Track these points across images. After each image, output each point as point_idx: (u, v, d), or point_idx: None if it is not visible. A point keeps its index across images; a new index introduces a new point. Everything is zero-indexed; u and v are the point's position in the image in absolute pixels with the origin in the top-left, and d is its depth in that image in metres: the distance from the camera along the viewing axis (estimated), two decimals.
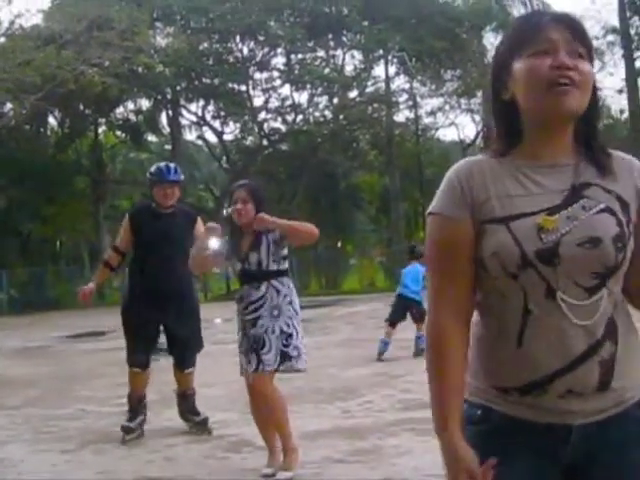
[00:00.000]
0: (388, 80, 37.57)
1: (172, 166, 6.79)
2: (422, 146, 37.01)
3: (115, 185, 40.20)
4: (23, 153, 33.42)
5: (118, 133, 40.36)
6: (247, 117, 38.03)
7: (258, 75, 37.52)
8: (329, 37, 36.94)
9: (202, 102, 37.56)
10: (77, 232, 37.39)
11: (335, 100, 37.50)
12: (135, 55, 28.39)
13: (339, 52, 38.24)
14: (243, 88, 37.26)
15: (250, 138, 39.57)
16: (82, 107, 35.60)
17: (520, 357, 1.78)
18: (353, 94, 37.88)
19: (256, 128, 38.29)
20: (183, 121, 39.51)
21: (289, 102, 37.68)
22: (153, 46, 32.37)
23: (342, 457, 5.56)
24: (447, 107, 39.60)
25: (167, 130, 40.29)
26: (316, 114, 37.78)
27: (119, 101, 35.59)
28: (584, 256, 1.73)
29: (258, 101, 37.80)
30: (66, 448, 6.38)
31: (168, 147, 41.01)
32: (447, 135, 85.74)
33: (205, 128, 39.40)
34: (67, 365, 12.38)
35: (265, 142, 38.61)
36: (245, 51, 36.72)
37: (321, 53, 37.67)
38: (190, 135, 41.39)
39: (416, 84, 37.23)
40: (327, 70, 37.27)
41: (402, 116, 38.74)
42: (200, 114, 38.27)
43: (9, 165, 31.41)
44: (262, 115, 37.97)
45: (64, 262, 38.73)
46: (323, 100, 37.91)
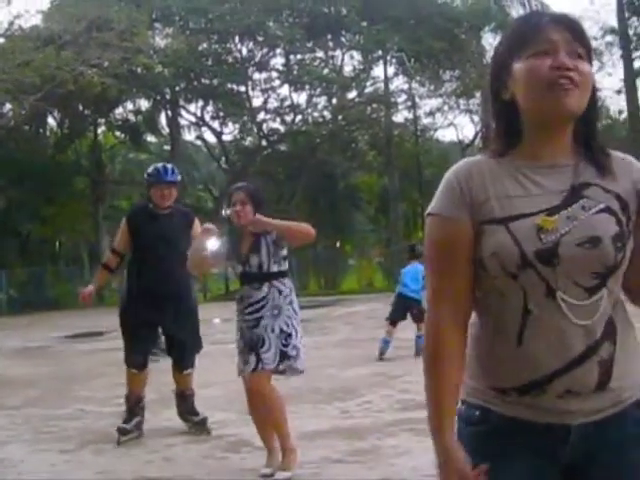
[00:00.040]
0: (387, 80, 37.58)
1: (169, 167, 6.78)
2: (421, 146, 36.98)
3: (114, 185, 40.21)
4: (22, 154, 33.38)
5: (117, 133, 40.36)
6: (246, 117, 38.02)
7: (257, 75, 37.59)
8: (328, 38, 36.93)
9: (201, 102, 37.55)
10: (76, 232, 37.36)
11: (334, 100, 37.50)
12: (134, 56, 28.36)
13: (338, 53, 38.29)
14: (242, 88, 37.25)
15: (249, 138, 39.60)
16: (81, 107, 35.58)
17: (519, 357, 1.78)
18: (352, 94, 37.91)
19: (255, 128, 38.30)
20: (182, 121, 39.59)
21: (288, 102, 37.72)
22: (152, 47, 32.34)
23: (341, 457, 5.56)
24: (446, 107, 39.73)
25: (166, 130, 40.31)
26: (315, 114, 37.81)
27: (118, 101, 35.57)
28: (584, 256, 1.74)
29: (257, 101, 37.92)
30: (65, 448, 6.38)
31: (167, 147, 41.02)
32: (446, 135, 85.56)
33: (204, 128, 39.45)
34: (66, 365, 12.37)
35: (264, 142, 38.61)
36: (244, 52, 36.75)
37: (320, 54, 37.68)
38: (189, 135, 41.52)
39: (415, 85, 37.27)
40: (326, 70, 37.29)
41: (401, 116, 38.80)
42: (199, 114, 38.28)
43: (8, 165, 31.37)
44: (261, 115, 38.04)
45: (63, 262, 38.72)
46: (322, 100, 37.95)
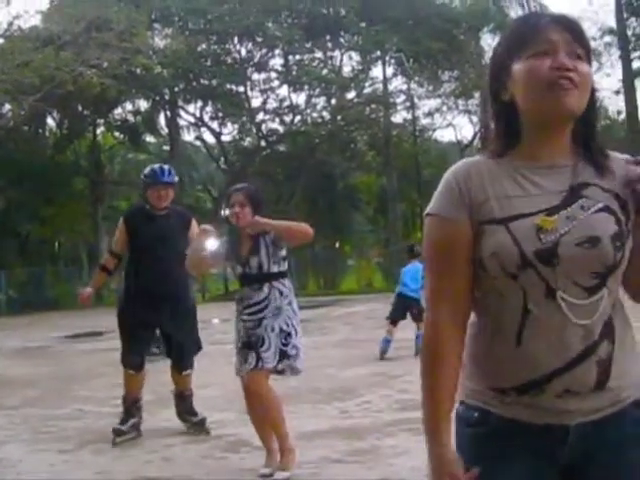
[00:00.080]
0: (386, 81, 37.58)
1: (166, 168, 6.77)
2: (419, 147, 37.00)
3: (113, 186, 40.20)
4: (22, 154, 33.34)
5: (116, 134, 40.35)
6: (245, 118, 38.02)
7: (256, 76, 37.58)
8: (327, 38, 36.94)
9: (200, 103, 37.55)
10: (75, 233, 37.35)
11: (333, 101, 37.51)
12: (133, 56, 28.34)
13: (337, 53, 38.32)
14: (241, 89, 37.26)
15: (248, 139, 39.60)
16: (80, 108, 35.56)
17: (518, 356, 1.78)
18: (351, 95, 37.89)
19: (254, 129, 38.30)
20: (181, 122, 39.60)
21: (287, 103, 37.72)
22: (151, 47, 32.33)
23: (340, 457, 5.56)
24: (444, 108, 39.77)
25: (165, 131, 40.31)
26: (314, 115, 37.82)
27: (117, 102, 35.57)
28: (583, 256, 1.74)
29: (256, 102, 37.93)
30: (64, 448, 6.39)
31: (166, 148, 41.02)
32: (444, 136, 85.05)
33: (203, 129, 39.47)
34: (66, 365, 12.37)
35: (263, 143, 38.61)
36: (243, 52, 36.75)
37: (319, 54, 37.69)
38: (188, 136, 41.54)
39: (413, 85, 37.27)
40: (325, 71, 37.31)
41: (400, 117, 38.83)
42: (198, 115, 38.28)
43: (8, 166, 31.34)
44: (260, 116, 38.03)
45: (63, 263, 38.70)
46: (321, 101, 37.96)
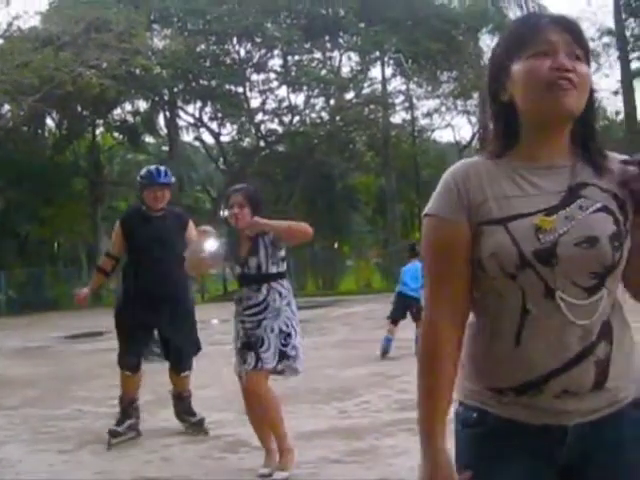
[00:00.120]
0: (384, 82, 37.57)
1: (162, 169, 6.75)
2: (418, 147, 37.02)
3: (113, 186, 40.17)
4: (21, 155, 33.31)
5: (116, 134, 40.29)
6: (244, 118, 37.99)
7: (255, 77, 37.56)
8: (326, 39, 36.94)
9: (199, 104, 37.55)
10: (75, 233, 37.32)
11: (332, 101, 37.49)
12: (132, 57, 28.33)
13: (336, 54, 38.29)
14: (240, 90, 37.23)
15: (247, 139, 39.60)
16: (80, 109, 35.52)
17: (517, 357, 1.78)
18: (349, 96, 37.85)
19: (253, 129, 38.29)
20: (180, 122, 39.57)
21: (286, 103, 37.68)
22: (150, 48, 32.30)
23: (339, 457, 5.57)
24: (443, 109, 39.76)
25: (164, 131, 40.29)
26: (313, 115, 37.79)
27: (116, 103, 35.53)
28: (582, 256, 1.74)
29: (255, 103, 37.90)
30: (64, 448, 6.40)
31: (165, 148, 41.04)
32: (443, 136, 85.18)
33: (202, 129, 39.43)
34: (65, 365, 12.37)
35: (262, 143, 38.58)
36: (242, 53, 36.70)
37: (318, 55, 37.67)
38: (187, 136, 41.50)
39: (412, 86, 37.29)
40: (324, 72, 37.27)
41: (398, 117, 38.81)
42: (197, 115, 38.27)
43: (7, 167, 31.31)
44: (259, 116, 37.99)
45: (62, 263, 38.65)
46: (320, 101, 37.92)
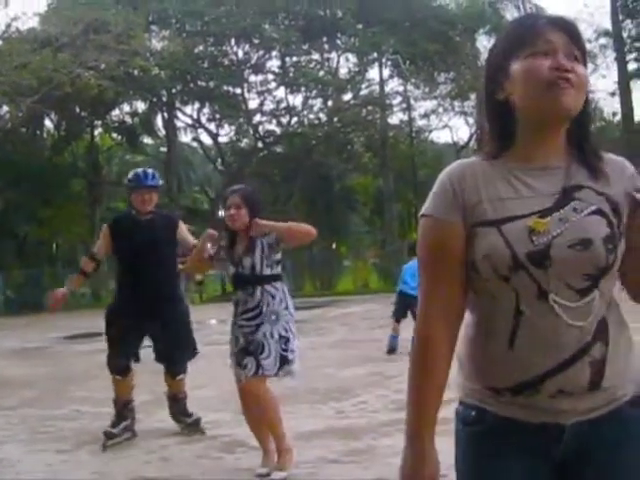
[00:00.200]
0: (382, 83, 37.62)
1: (150, 171, 6.76)
2: (416, 148, 37.06)
3: (111, 187, 40.07)
4: (19, 155, 33.34)
5: (114, 135, 40.31)
6: (242, 119, 38.01)
7: (253, 78, 37.67)
8: (323, 40, 37.01)
9: (197, 105, 37.61)
10: (73, 234, 37.32)
11: (329, 103, 37.56)
12: (131, 58, 28.39)
13: (333, 55, 38.41)
14: (238, 91, 37.29)
15: (245, 140, 39.61)
16: (78, 110, 35.53)
17: (512, 357, 1.78)
18: (347, 97, 37.94)
19: (251, 130, 38.32)
20: (178, 123, 39.62)
21: (284, 105, 37.74)
22: (149, 49, 32.37)
23: (336, 457, 5.59)
24: (441, 109, 39.80)
25: (162, 132, 40.31)
26: (311, 116, 37.85)
27: (115, 104, 35.55)
28: (575, 258, 1.74)
29: (253, 104, 37.94)
30: (62, 448, 6.41)
31: (164, 149, 41.05)
32: (441, 137, 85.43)
33: (200, 130, 39.53)
34: (63, 366, 12.38)
35: (260, 144, 38.61)
36: (240, 54, 36.76)
37: (315, 56, 37.74)
38: (185, 137, 41.61)
39: (410, 87, 37.38)
40: (321, 73, 37.33)
41: (396, 118, 38.96)
42: (195, 116, 38.35)
43: (5, 168, 31.32)
44: (257, 117, 38.05)
45: (60, 264, 38.56)
46: (317, 103, 38.03)
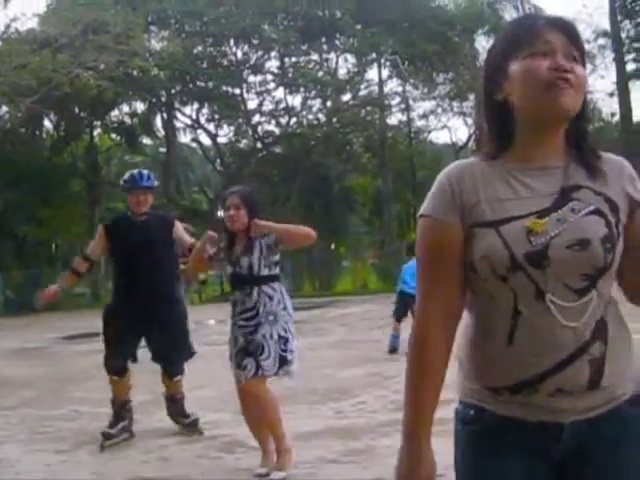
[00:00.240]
0: (381, 83, 37.64)
1: (145, 172, 6.77)
2: (415, 149, 37.08)
3: (110, 188, 40.08)
4: (18, 156, 33.33)
5: (113, 136, 40.32)
6: (241, 120, 38.01)
7: (252, 78, 37.66)
8: (322, 40, 37.03)
9: (196, 105, 37.61)
10: (72, 235, 37.25)
11: (328, 103, 37.55)
12: (130, 59, 28.40)
13: (332, 55, 38.43)
14: (237, 91, 37.29)
15: (244, 141, 39.59)
16: (77, 110, 35.52)
17: (510, 357, 1.78)
18: (346, 97, 37.95)
19: (250, 131, 38.31)
20: (178, 124, 39.66)
21: (283, 105, 37.74)
22: (148, 50, 32.36)
23: (335, 457, 5.60)
24: (439, 110, 39.77)
25: (162, 133, 40.34)
26: (310, 117, 37.86)
27: (114, 104, 35.54)
28: (573, 258, 1.74)
29: (252, 104, 37.94)
30: (61, 448, 6.42)
31: (163, 150, 41.09)
32: (439, 138, 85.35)
33: (199, 131, 39.52)
34: (62, 366, 12.40)
35: (259, 145, 38.60)
36: (239, 54, 36.77)
37: (314, 56, 37.75)
38: (184, 138, 41.61)
39: (409, 87, 37.42)
40: (320, 73, 37.34)
41: (395, 119, 38.97)
42: (194, 117, 38.36)
43: (5, 168, 31.29)
44: (256, 118, 38.03)
45: (60, 264, 38.52)
46: (316, 103, 38.03)
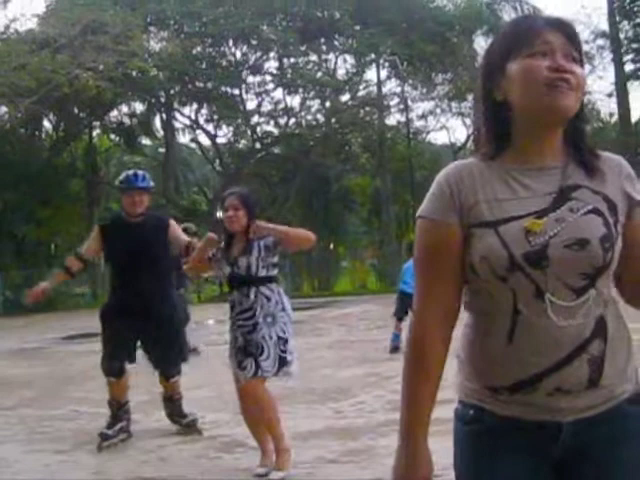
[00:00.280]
0: (380, 84, 37.62)
1: (140, 173, 6.73)
2: (413, 149, 37.01)
3: (109, 188, 40.08)
4: (18, 156, 33.31)
5: (112, 136, 40.28)
6: (240, 120, 37.98)
7: (251, 79, 37.60)
8: (321, 41, 36.99)
9: (195, 106, 37.56)
10: (72, 235, 37.17)
11: (327, 104, 37.51)
12: (129, 59, 28.37)
13: (331, 56, 38.34)
14: (236, 92, 37.25)
15: (243, 141, 39.57)
16: (77, 111, 35.50)
17: (509, 356, 1.79)
18: (345, 98, 37.92)
19: (249, 131, 38.29)
20: (177, 124, 39.62)
21: (282, 106, 37.71)
22: (147, 50, 32.30)
23: (334, 457, 5.62)
24: (438, 110, 39.67)
25: (161, 133, 40.33)
26: (308, 117, 37.86)
27: (113, 105, 35.55)
28: (572, 257, 1.74)
29: (251, 105, 37.90)
30: (60, 448, 6.43)
31: (162, 150, 41.07)
32: (438, 138, 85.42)
33: (198, 131, 39.43)
34: (62, 366, 12.40)
35: (258, 145, 38.56)
36: (238, 55, 36.75)
37: (313, 57, 37.68)
38: (184, 138, 41.52)
39: (407, 88, 37.32)
40: (319, 74, 37.32)
41: (393, 119, 38.87)
42: (193, 117, 38.30)
43: (4, 168, 31.25)
44: (255, 118, 37.97)
45: (59, 265, 38.45)
46: (315, 104, 37.99)
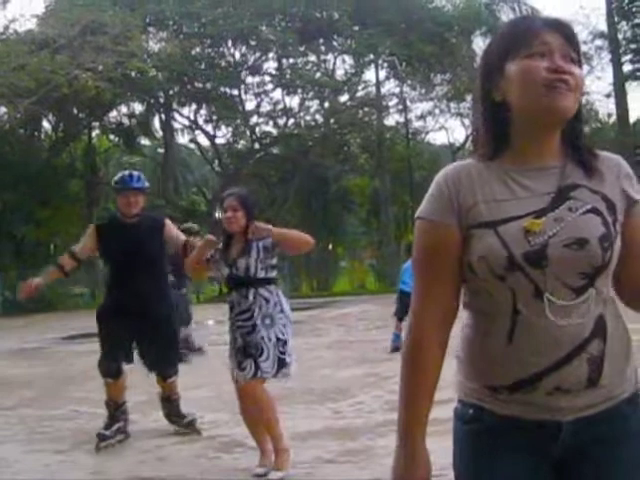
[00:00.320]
0: (378, 84, 37.67)
1: (136, 174, 6.74)
2: (412, 149, 37.02)
3: (108, 188, 40.12)
4: (17, 157, 33.32)
5: (111, 137, 40.34)
6: (239, 121, 38.00)
7: (250, 79, 37.63)
8: (320, 42, 37.01)
9: (194, 106, 37.56)
10: (71, 235, 37.13)
11: (326, 104, 37.53)
12: (128, 60, 28.36)
13: (330, 57, 38.39)
14: (235, 92, 37.26)
15: (242, 142, 39.56)
16: (76, 111, 35.53)
17: (509, 356, 1.79)
18: (344, 98, 37.93)
19: (248, 132, 38.30)
20: (176, 125, 39.68)
21: (280, 106, 37.72)
22: (146, 51, 32.33)
23: (333, 457, 5.63)
24: (437, 111, 39.75)
25: (160, 134, 40.37)
26: (307, 118, 37.87)
27: (112, 105, 35.56)
28: (571, 257, 1.74)
29: (250, 105, 37.94)
30: (60, 448, 6.44)
31: (161, 151, 41.12)
32: (437, 139, 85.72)
33: (197, 132, 39.47)
34: (61, 366, 12.41)
35: (257, 146, 38.56)
36: (237, 56, 36.80)
37: (312, 58, 37.71)
38: (183, 139, 41.59)
39: (406, 88, 37.35)
40: (318, 74, 37.36)
41: (392, 120, 38.92)
42: (192, 118, 38.30)
43: (3, 169, 31.24)
44: (254, 119, 37.98)
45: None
46: (314, 104, 38.00)
